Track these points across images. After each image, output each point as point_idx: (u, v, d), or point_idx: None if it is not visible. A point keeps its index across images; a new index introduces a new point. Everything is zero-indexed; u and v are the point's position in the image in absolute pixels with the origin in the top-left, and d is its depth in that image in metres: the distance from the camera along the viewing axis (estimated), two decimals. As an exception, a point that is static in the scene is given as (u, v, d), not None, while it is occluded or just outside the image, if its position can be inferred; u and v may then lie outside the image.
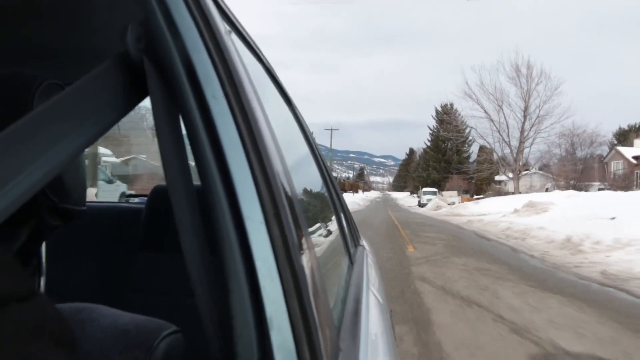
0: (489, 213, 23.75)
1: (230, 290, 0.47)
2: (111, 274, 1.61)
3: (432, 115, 61.86)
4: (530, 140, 36.26)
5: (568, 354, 4.02)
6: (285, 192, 0.63)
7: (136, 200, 3.54)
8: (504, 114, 35.79)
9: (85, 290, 1.47)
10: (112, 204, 2.18)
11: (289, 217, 0.59)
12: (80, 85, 0.48)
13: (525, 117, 35.16)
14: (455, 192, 47.08)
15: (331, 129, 71.76)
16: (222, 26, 0.67)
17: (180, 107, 0.52)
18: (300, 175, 1.40)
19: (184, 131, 0.52)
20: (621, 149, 39.85)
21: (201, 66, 0.53)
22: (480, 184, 45.03)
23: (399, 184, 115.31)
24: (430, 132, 66.92)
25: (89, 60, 1.18)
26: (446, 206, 35.95)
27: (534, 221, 15.94)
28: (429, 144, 68.93)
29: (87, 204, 0.86)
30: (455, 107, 52.46)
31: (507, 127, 35.58)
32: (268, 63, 1.39)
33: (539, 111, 35.44)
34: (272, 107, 1.17)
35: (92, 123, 0.48)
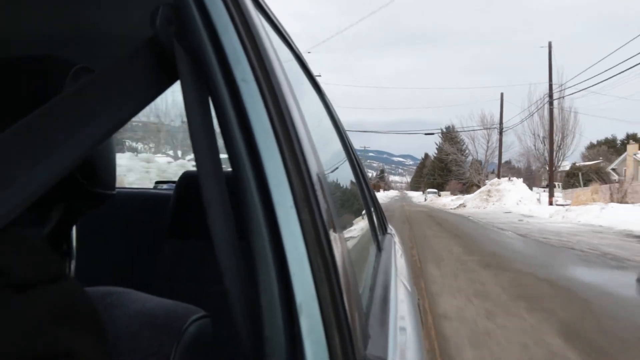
0: (446, 202, 46.68)
1: (260, 275, 0.46)
2: (139, 260, 1.63)
3: (438, 135, 79.04)
4: (489, 161, 60.41)
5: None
6: (316, 178, 0.62)
7: (165, 186, 3.57)
8: (474, 144, 60.36)
9: (113, 275, 1.49)
10: (141, 190, 2.21)
11: (319, 203, 0.58)
12: (111, 69, 0.48)
13: (487, 147, 59.25)
14: (449, 192, 69.86)
15: (364, 147, 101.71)
16: (253, 10, 0.66)
17: (210, 90, 0.51)
18: (330, 162, 1.38)
19: (214, 115, 0.52)
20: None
21: (231, 49, 0.53)
22: (471, 186, 62.59)
23: (416, 185, 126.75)
24: (437, 146, 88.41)
25: (120, 45, 1.18)
26: (436, 199, 63.36)
27: (454, 202, 41.47)
28: (435, 155, 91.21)
29: (117, 189, 0.86)
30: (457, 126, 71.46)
31: (477, 153, 60.60)
32: (298, 50, 1.37)
33: (494, 143, 56.07)
34: (303, 94, 1.16)
35: (122, 106, 0.47)
